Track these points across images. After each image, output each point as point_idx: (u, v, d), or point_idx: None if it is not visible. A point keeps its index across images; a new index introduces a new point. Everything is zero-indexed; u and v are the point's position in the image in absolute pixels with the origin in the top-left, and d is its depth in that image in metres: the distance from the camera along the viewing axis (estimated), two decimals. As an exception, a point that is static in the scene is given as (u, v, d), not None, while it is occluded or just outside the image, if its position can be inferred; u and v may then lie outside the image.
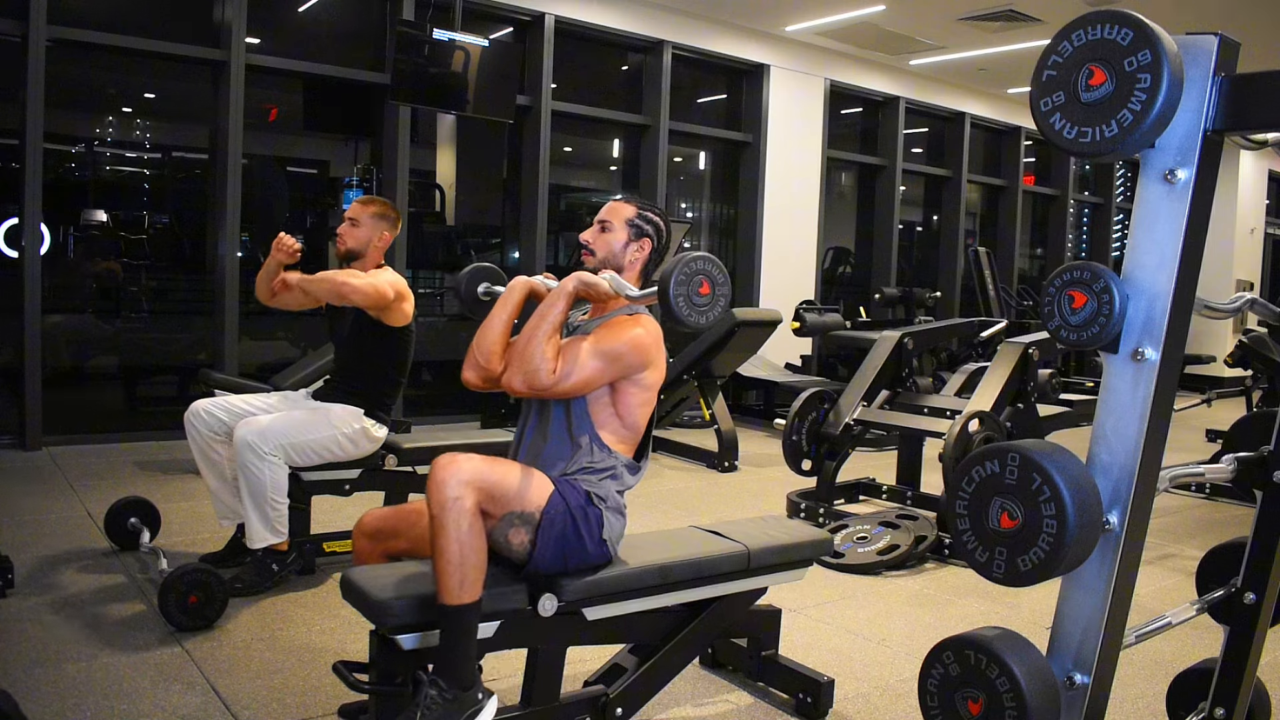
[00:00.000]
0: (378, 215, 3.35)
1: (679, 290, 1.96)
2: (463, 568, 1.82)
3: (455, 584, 1.82)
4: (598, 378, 2.06)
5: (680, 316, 1.97)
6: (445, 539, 1.82)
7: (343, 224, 3.35)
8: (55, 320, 5.67)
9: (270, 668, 2.59)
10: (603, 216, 2.27)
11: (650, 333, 2.14)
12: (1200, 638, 3.01)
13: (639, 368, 2.11)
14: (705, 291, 1.99)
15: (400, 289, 3.29)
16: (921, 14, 7.44)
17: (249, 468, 2.99)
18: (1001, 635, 1.45)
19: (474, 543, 1.84)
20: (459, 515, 1.83)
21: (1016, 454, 1.39)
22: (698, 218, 8.74)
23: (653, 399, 2.18)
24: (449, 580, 1.82)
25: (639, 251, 2.24)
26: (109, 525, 3.50)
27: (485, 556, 1.87)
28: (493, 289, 2.52)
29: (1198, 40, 1.42)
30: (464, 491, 1.84)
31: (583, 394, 2.08)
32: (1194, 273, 1.47)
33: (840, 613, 3.24)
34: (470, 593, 1.84)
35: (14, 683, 2.35)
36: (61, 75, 5.41)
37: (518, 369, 2.03)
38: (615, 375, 2.09)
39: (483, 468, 1.89)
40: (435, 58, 6.05)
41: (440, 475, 1.85)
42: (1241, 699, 1.87)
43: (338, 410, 3.21)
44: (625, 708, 2.16)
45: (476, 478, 1.87)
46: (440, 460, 1.88)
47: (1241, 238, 11.73)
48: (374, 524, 2.19)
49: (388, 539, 2.17)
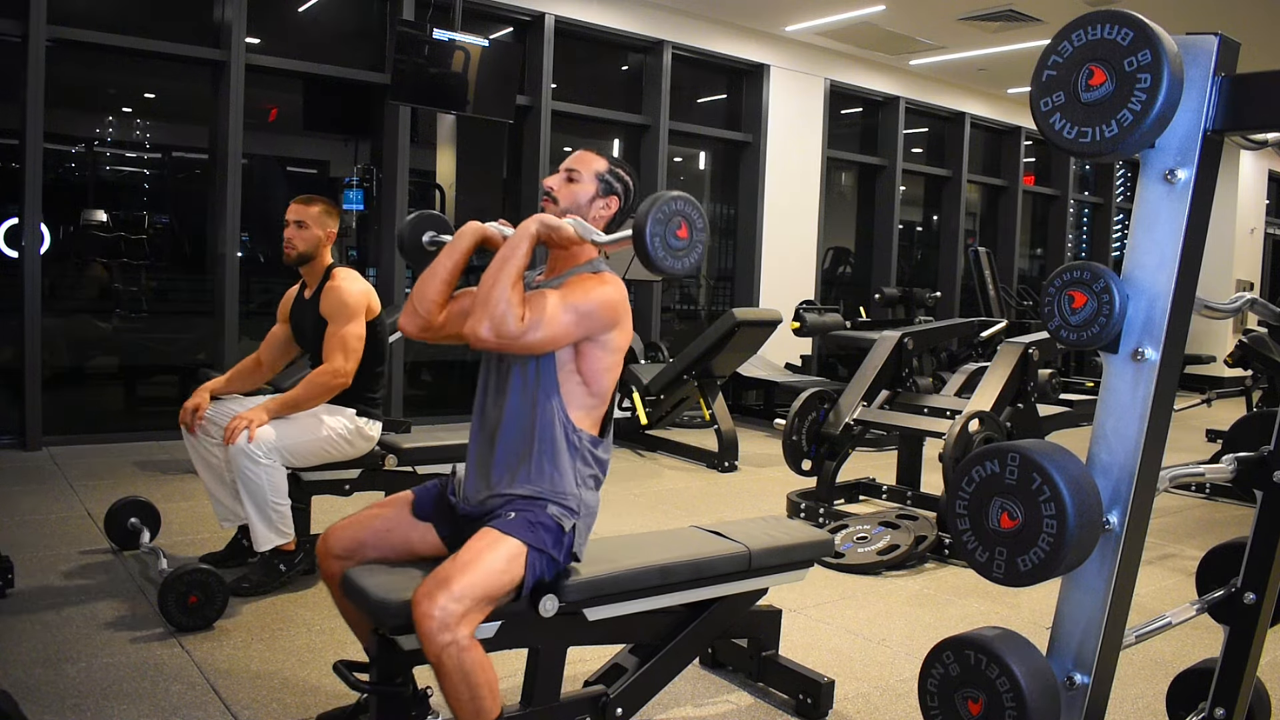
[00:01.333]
0: (323, 212, 3.29)
1: (656, 230, 1.82)
2: (475, 700, 1.78)
3: (471, 716, 1.79)
4: (566, 334, 1.91)
5: (656, 260, 1.84)
6: (450, 683, 1.76)
7: (287, 229, 3.25)
8: (54, 320, 5.66)
9: (270, 668, 2.59)
10: (570, 165, 2.10)
11: (618, 291, 1.99)
12: (1200, 638, 3.01)
13: (607, 327, 1.97)
14: (683, 235, 1.86)
15: (368, 300, 3.26)
16: (921, 14, 7.44)
17: (246, 474, 2.98)
18: (1001, 635, 1.44)
19: (480, 676, 1.78)
20: (458, 656, 1.75)
21: (1016, 454, 1.38)
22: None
23: (619, 364, 2.03)
24: (466, 714, 1.79)
25: (605, 209, 2.09)
26: (109, 525, 3.50)
27: (493, 673, 1.81)
28: (438, 238, 2.28)
29: (1198, 40, 1.42)
30: (456, 635, 1.74)
31: (550, 349, 1.93)
32: (1194, 273, 1.47)
33: (840, 613, 3.24)
34: (488, 715, 1.81)
35: (14, 683, 2.35)
36: (61, 75, 5.41)
37: (483, 315, 1.85)
38: (583, 334, 1.94)
39: (464, 592, 1.77)
40: (435, 58, 6.05)
41: (426, 626, 1.73)
42: (1241, 699, 1.87)
43: (330, 412, 3.20)
44: (625, 708, 2.16)
45: (461, 611, 1.76)
46: (423, 606, 1.75)
47: (1241, 238, 11.73)
48: (342, 545, 2.06)
49: (358, 554, 2.06)
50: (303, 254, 3.26)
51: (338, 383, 3.14)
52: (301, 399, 3.11)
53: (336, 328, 3.17)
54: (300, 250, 3.26)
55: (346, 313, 3.18)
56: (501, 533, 1.90)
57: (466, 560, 1.83)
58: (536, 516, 1.94)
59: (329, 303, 3.21)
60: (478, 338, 1.87)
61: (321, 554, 2.10)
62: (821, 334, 7.08)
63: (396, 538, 2.07)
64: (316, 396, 3.13)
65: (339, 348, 3.15)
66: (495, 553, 1.86)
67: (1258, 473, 1.85)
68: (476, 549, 1.86)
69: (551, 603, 1.96)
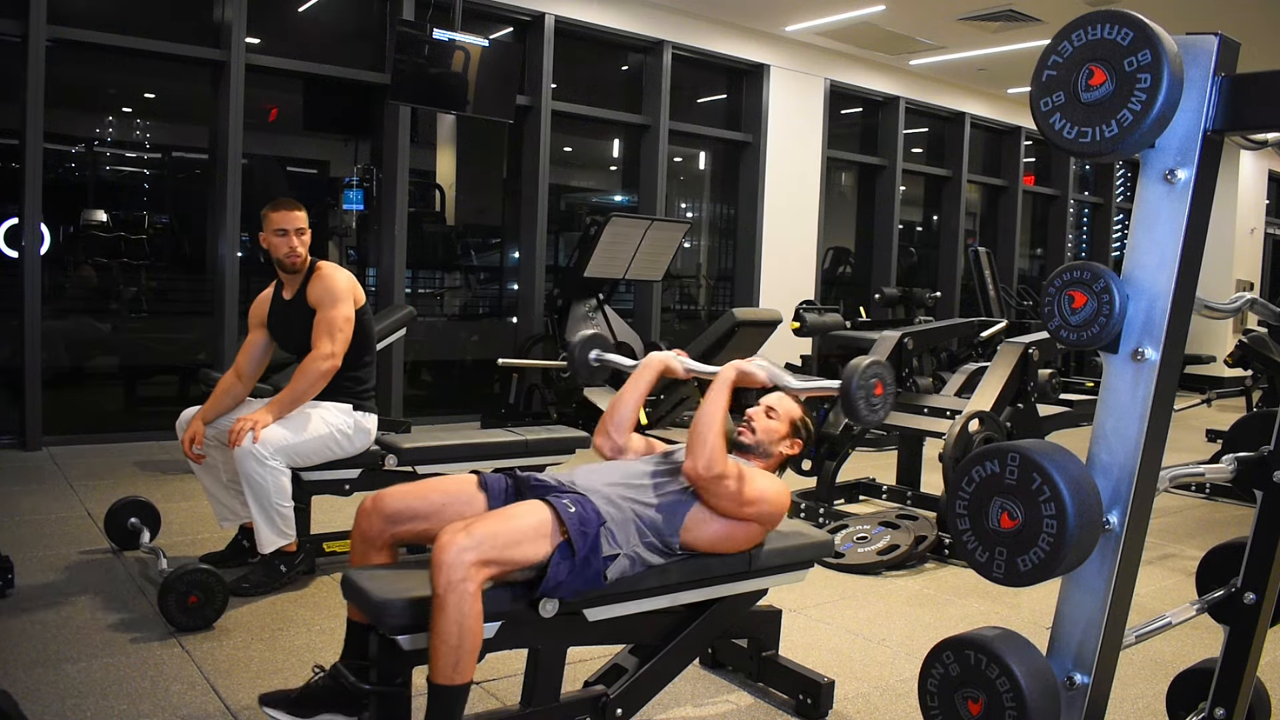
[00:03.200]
0: (305, 214, 3.31)
1: (859, 393, 2.13)
2: (459, 649, 1.80)
3: (450, 665, 1.80)
4: (739, 511, 2.15)
5: (859, 414, 2.15)
6: (446, 620, 1.79)
7: (285, 239, 3.22)
8: (55, 320, 5.66)
9: (270, 668, 2.59)
10: (772, 403, 2.41)
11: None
12: (1200, 638, 3.01)
13: (770, 524, 2.23)
14: (879, 392, 2.18)
15: (354, 293, 3.27)
16: (921, 14, 7.44)
17: (252, 476, 2.98)
18: (1001, 635, 1.44)
19: (473, 626, 1.81)
20: (461, 598, 1.79)
21: (1016, 454, 1.38)
22: (698, 218, 8.74)
23: (732, 538, 2.20)
24: (444, 661, 1.80)
25: (790, 449, 2.39)
26: (109, 525, 3.50)
27: (481, 638, 1.85)
28: (603, 356, 2.71)
29: (1198, 40, 1.42)
30: (469, 574, 1.80)
31: (726, 510, 2.14)
32: (1194, 273, 1.47)
33: (840, 613, 3.24)
34: (463, 674, 1.82)
35: (14, 683, 2.36)
36: (61, 75, 5.41)
37: (700, 455, 2.09)
38: (748, 519, 2.17)
39: (487, 540, 1.84)
40: (435, 58, 6.05)
41: (445, 557, 1.80)
42: (1241, 699, 1.87)
43: (328, 408, 3.20)
44: (625, 708, 2.16)
45: (482, 556, 1.83)
46: (444, 538, 1.83)
47: (1241, 238, 11.73)
48: (395, 505, 2.11)
49: (407, 521, 2.10)
50: (305, 259, 3.27)
51: (328, 366, 3.14)
52: (299, 392, 3.11)
53: (324, 312, 3.19)
54: (305, 255, 3.27)
55: (333, 298, 3.20)
56: (547, 505, 1.99)
57: (505, 517, 1.93)
58: (591, 526, 2.01)
59: (316, 291, 3.23)
60: (696, 474, 2.11)
61: (366, 511, 2.13)
62: (821, 334, 7.07)
63: (453, 512, 2.09)
64: (313, 385, 3.13)
65: (325, 331, 3.16)
66: (532, 522, 1.95)
67: (1258, 473, 1.85)
68: (513, 510, 1.97)
69: (552, 603, 1.96)
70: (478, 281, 7.98)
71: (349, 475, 3.32)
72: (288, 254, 3.24)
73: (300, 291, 3.27)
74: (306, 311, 3.24)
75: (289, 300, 3.32)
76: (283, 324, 3.35)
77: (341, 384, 3.24)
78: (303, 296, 3.26)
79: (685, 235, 7.07)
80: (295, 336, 3.31)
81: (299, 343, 3.30)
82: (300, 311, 3.26)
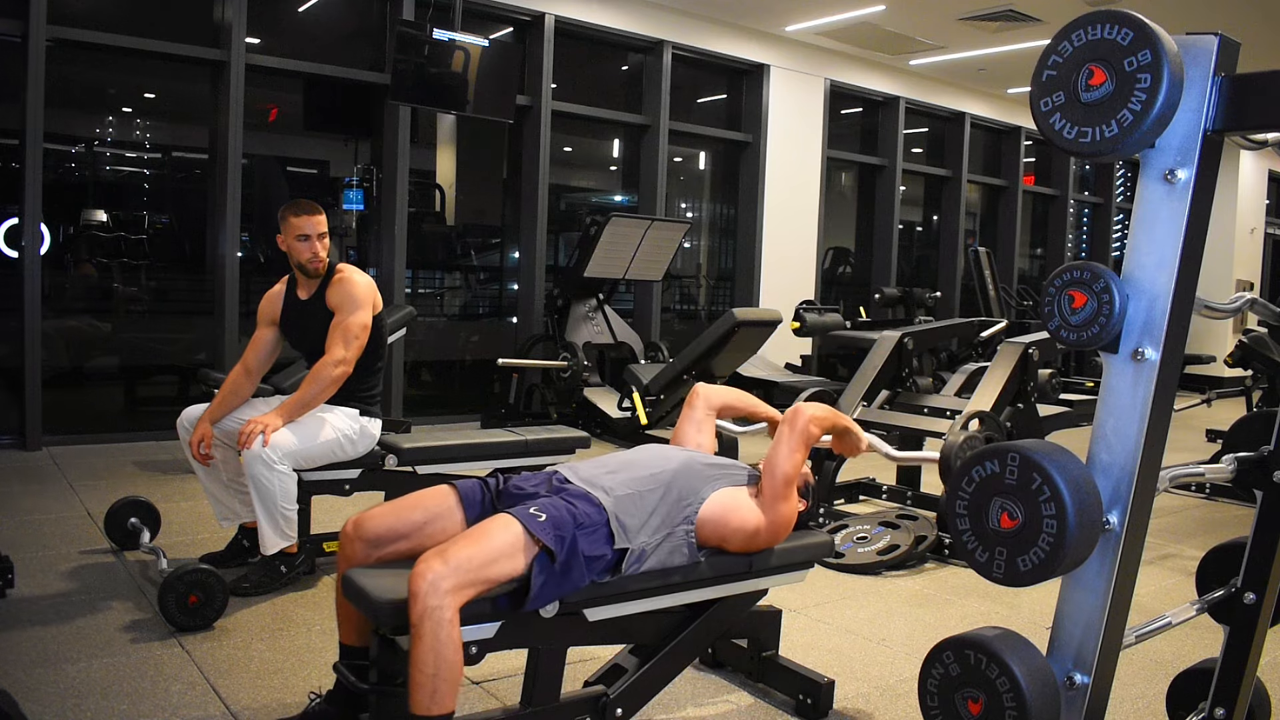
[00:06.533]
0: (325, 216, 3.30)
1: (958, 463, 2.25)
2: (436, 679, 1.76)
3: (427, 695, 1.77)
4: (773, 517, 2.23)
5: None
6: (422, 649, 1.76)
7: (308, 244, 3.20)
8: (55, 320, 5.66)
9: (270, 668, 2.59)
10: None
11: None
12: (1200, 638, 3.00)
13: (771, 542, 2.29)
14: None
15: (373, 296, 3.26)
16: (921, 14, 7.44)
17: (260, 479, 2.97)
18: (1001, 635, 1.44)
19: (450, 656, 1.77)
20: (438, 625, 1.76)
21: (1016, 454, 1.38)
22: (698, 218, 8.74)
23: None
24: (421, 692, 1.77)
25: (802, 506, 2.44)
26: (109, 525, 3.50)
27: (460, 670, 1.81)
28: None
29: (1198, 40, 1.42)
30: (445, 601, 1.76)
31: (765, 507, 2.23)
32: (1194, 273, 1.47)
33: (840, 613, 3.24)
34: (441, 705, 1.78)
35: (14, 683, 2.36)
36: (61, 75, 5.42)
37: (783, 465, 2.23)
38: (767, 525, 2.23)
39: (463, 564, 1.80)
40: (435, 58, 6.05)
41: (419, 585, 1.76)
42: (1241, 699, 1.87)
43: (336, 413, 3.20)
44: (625, 708, 2.16)
45: (459, 581, 1.79)
46: (420, 565, 1.79)
47: (1241, 238, 11.73)
48: (376, 529, 2.07)
49: (390, 543, 2.07)
50: (325, 262, 3.26)
51: (340, 371, 3.12)
52: (310, 397, 3.10)
53: (343, 317, 3.18)
54: (326, 260, 3.26)
55: (354, 304, 3.19)
56: (516, 519, 1.93)
57: (478, 536, 1.88)
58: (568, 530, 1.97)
59: (337, 295, 3.22)
60: (780, 471, 2.24)
61: (349, 537, 2.09)
62: (821, 334, 7.08)
63: (435, 528, 2.07)
64: (324, 391, 3.12)
65: (341, 337, 3.15)
66: (507, 538, 1.89)
67: (1258, 473, 1.85)
68: (485, 528, 1.91)
69: (552, 604, 1.96)
70: (478, 281, 7.98)
71: (349, 475, 3.31)
72: (310, 259, 3.23)
73: (319, 293, 3.26)
74: (324, 314, 3.22)
75: (305, 300, 3.31)
76: (297, 324, 3.34)
77: (350, 389, 3.24)
78: (321, 299, 3.25)
79: (685, 235, 7.07)
80: (309, 338, 3.30)
81: (312, 344, 3.29)
82: (317, 313, 3.25)
